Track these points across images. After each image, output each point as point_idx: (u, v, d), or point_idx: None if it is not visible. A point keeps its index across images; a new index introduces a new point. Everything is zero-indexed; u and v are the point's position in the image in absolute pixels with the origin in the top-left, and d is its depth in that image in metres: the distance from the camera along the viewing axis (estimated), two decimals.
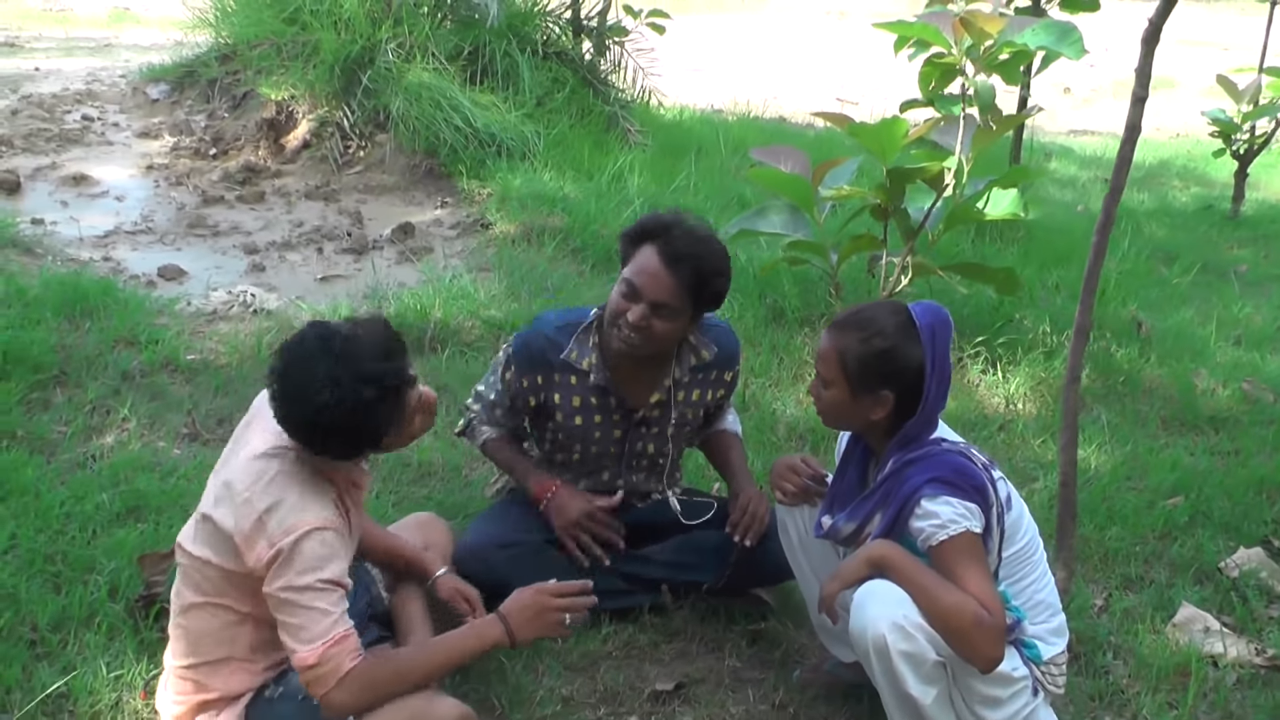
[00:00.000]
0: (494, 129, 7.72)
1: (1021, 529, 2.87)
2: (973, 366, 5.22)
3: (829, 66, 14.04)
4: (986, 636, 2.61)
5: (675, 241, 3.21)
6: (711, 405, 3.60)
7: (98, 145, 8.23)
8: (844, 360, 2.81)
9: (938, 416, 2.85)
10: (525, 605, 2.86)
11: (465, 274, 6.16)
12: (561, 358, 3.40)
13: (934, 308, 2.84)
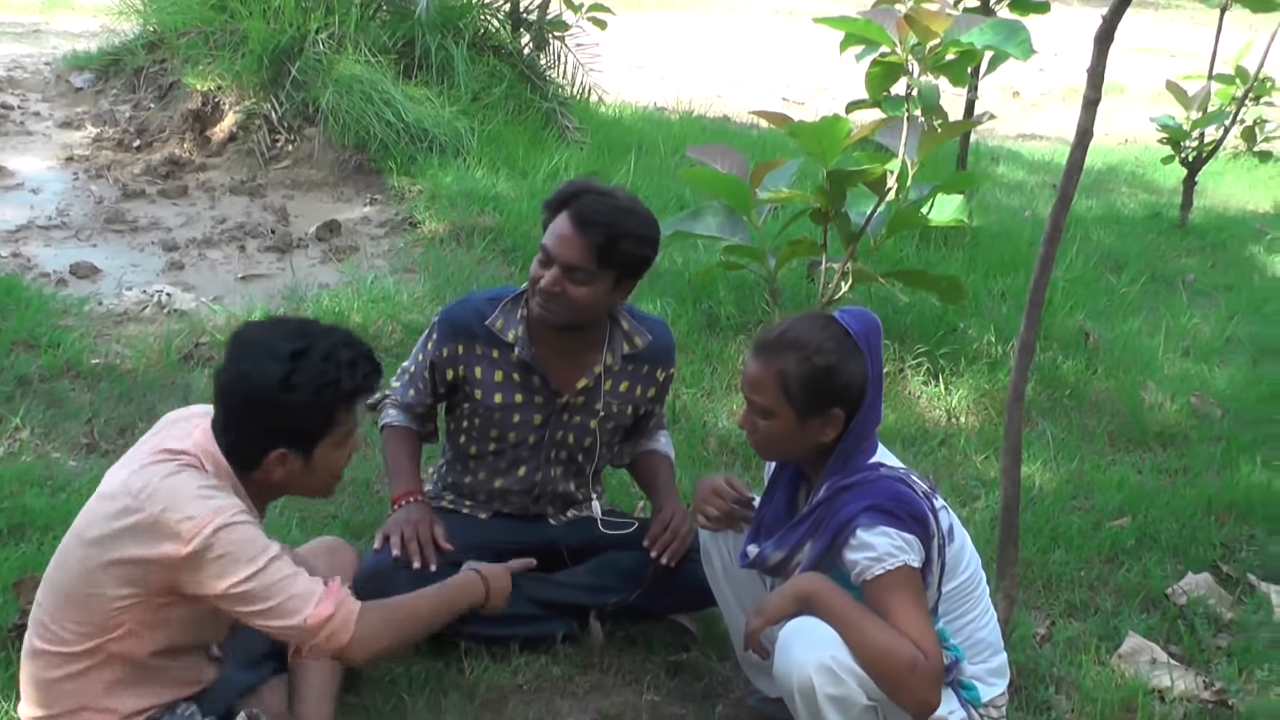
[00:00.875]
0: (426, 124, 7.46)
1: (963, 562, 2.69)
2: (914, 378, 5.04)
3: (776, 66, 13.84)
4: (922, 680, 2.41)
5: (587, 205, 3.08)
6: (641, 404, 3.40)
7: (15, 135, 7.89)
8: (785, 384, 2.60)
9: (871, 428, 2.66)
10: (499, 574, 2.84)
11: (389, 275, 5.93)
12: (485, 324, 3.22)
13: (862, 314, 2.67)
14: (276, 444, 2.48)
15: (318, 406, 2.46)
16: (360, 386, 2.51)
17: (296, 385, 2.42)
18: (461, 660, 3.18)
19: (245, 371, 2.46)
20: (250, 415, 2.47)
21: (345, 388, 2.48)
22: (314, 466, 2.54)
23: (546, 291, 3.09)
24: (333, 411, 2.49)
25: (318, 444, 2.51)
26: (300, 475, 2.55)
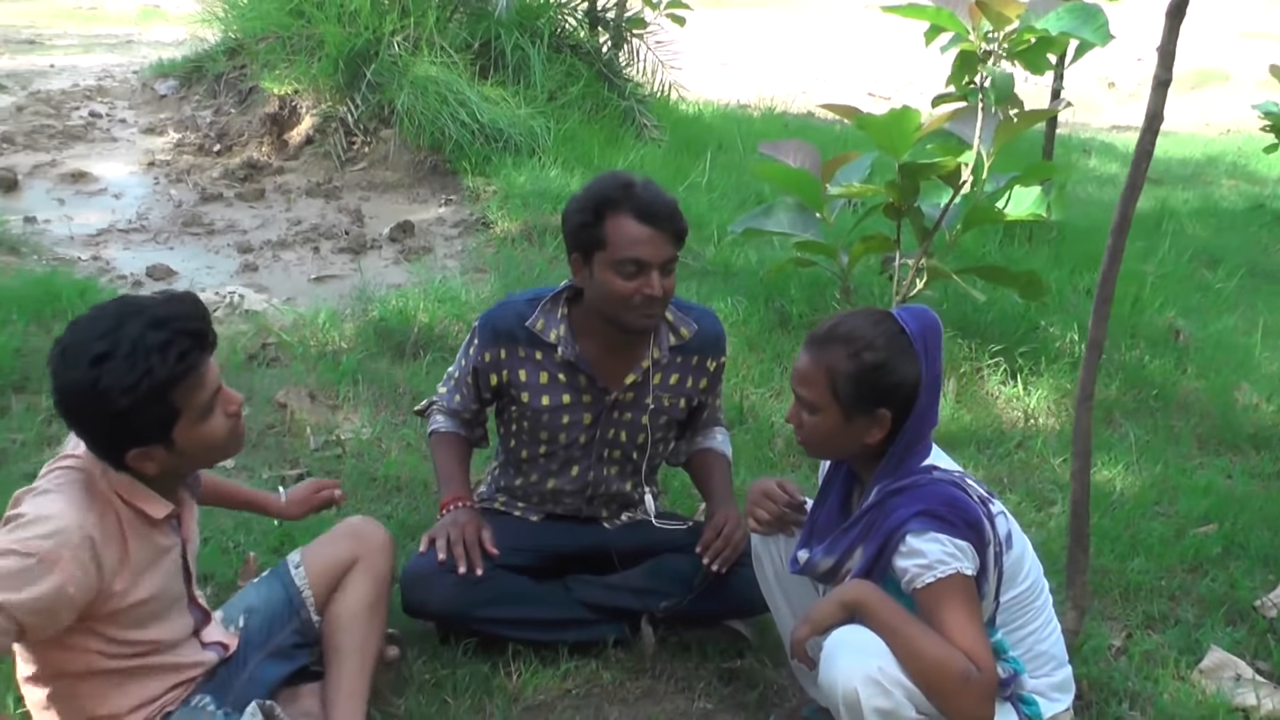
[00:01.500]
0: (501, 124, 7.43)
1: (1023, 571, 2.55)
2: (991, 377, 4.87)
3: (863, 61, 13.65)
4: (974, 695, 2.28)
5: (647, 199, 2.97)
6: (693, 396, 3.29)
7: (101, 142, 8.02)
8: (833, 380, 2.47)
9: (929, 434, 2.53)
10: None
11: (459, 275, 5.89)
12: (526, 326, 3.12)
13: (922, 312, 2.52)
14: (126, 446, 2.30)
15: (139, 405, 2.23)
16: (179, 371, 2.25)
17: (105, 391, 2.21)
18: (509, 664, 3.10)
19: (59, 385, 2.28)
20: (82, 427, 2.32)
21: (160, 375, 2.23)
22: (183, 449, 2.35)
23: (655, 298, 2.97)
24: (163, 400, 2.26)
25: (171, 432, 2.32)
26: (178, 460, 2.37)
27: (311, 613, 2.79)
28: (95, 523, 2.28)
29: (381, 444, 4.25)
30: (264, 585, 2.86)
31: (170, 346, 2.24)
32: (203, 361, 2.31)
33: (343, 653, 2.74)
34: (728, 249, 6.12)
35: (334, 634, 2.76)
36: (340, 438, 4.27)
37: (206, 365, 2.33)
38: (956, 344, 4.97)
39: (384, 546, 2.89)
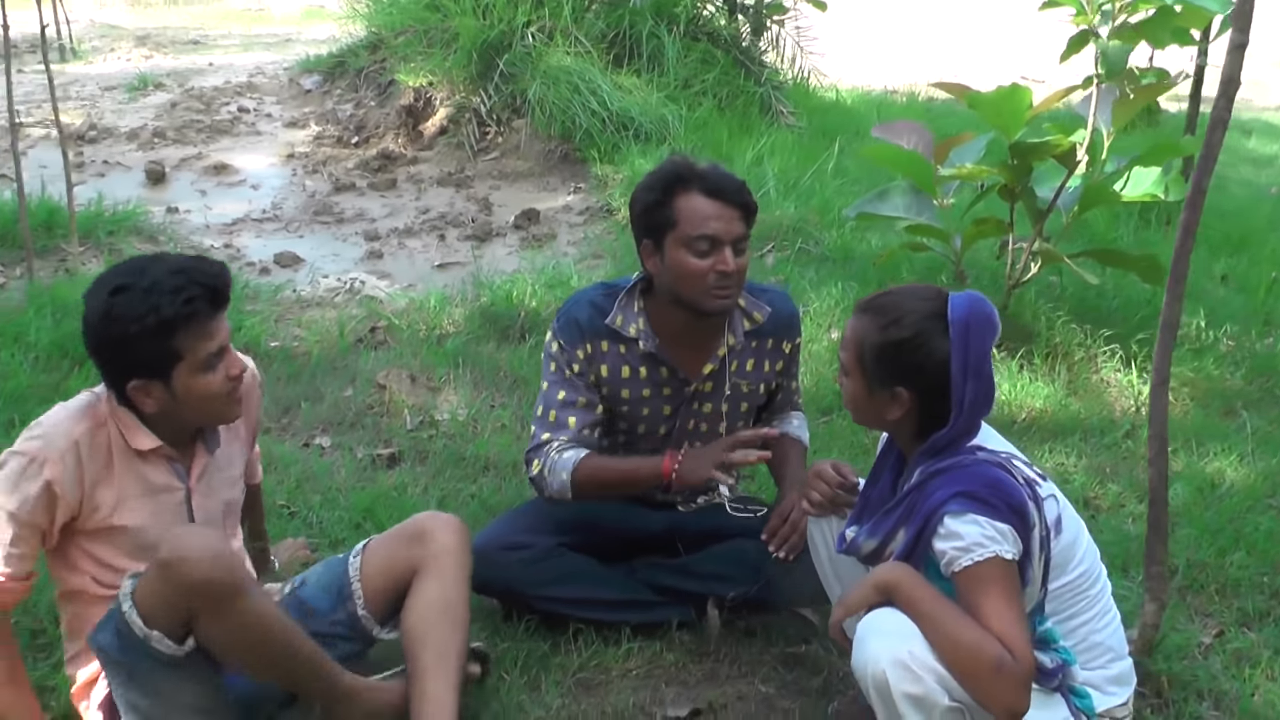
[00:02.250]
0: (632, 112, 7.44)
1: (1075, 557, 2.43)
2: (1105, 365, 4.67)
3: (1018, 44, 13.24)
4: (1007, 683, 2.17)
5: (714, 177, 2.95)
6: (771, 379, 3.22)
7: (246, 135, 8.28)
8: (861, 348, 2.41)
9: (978, 424, 2.42)
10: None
11: (576, 261, 5.90)
12: (606, 323, 3.08)
13: (974, 299, 2.39)
14: (129, 376, 2.48)
15: (144, 335, 2.41)
16: (184, 312, 2.41)
17: (117, 318, 2.41)
18: (570, 643, 3.07)
19: (84, 312, 2.49)
20: (93, 352, 2.52)
21: (165, 313, 2.39)
22: (180, 394, 2.50)
23: (729, 273, 2.93)
24: (167, 338, 2.42)
25: (171, 372, 2.47)
26: (172, 405, 2.52)
27: (358, 605, 2.77)
28: (85, 432, 2.49)
29: (476, 425, 4.28)
30: (326, 565, 2.89)
31: (181, 291, 2.41)
32: (210, 314, 2.47)
33: (424, 666, 2.65)
34: (848, 234, 6.01)
35: (411, 645, 2.69)
36: (436, 418, 4.31)
37: (214, 320, 2.49)
38: (1070, 329, 4.79)
39: (453, 549, 2.79)
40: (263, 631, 2.41)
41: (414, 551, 2.77)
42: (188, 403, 2.52)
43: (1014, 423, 4.28)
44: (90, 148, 7.79)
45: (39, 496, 2.45)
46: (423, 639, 2.67)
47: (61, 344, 4.48)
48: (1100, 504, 3.79)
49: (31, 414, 3.96)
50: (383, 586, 2.77)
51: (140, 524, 2.55)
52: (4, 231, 5.66)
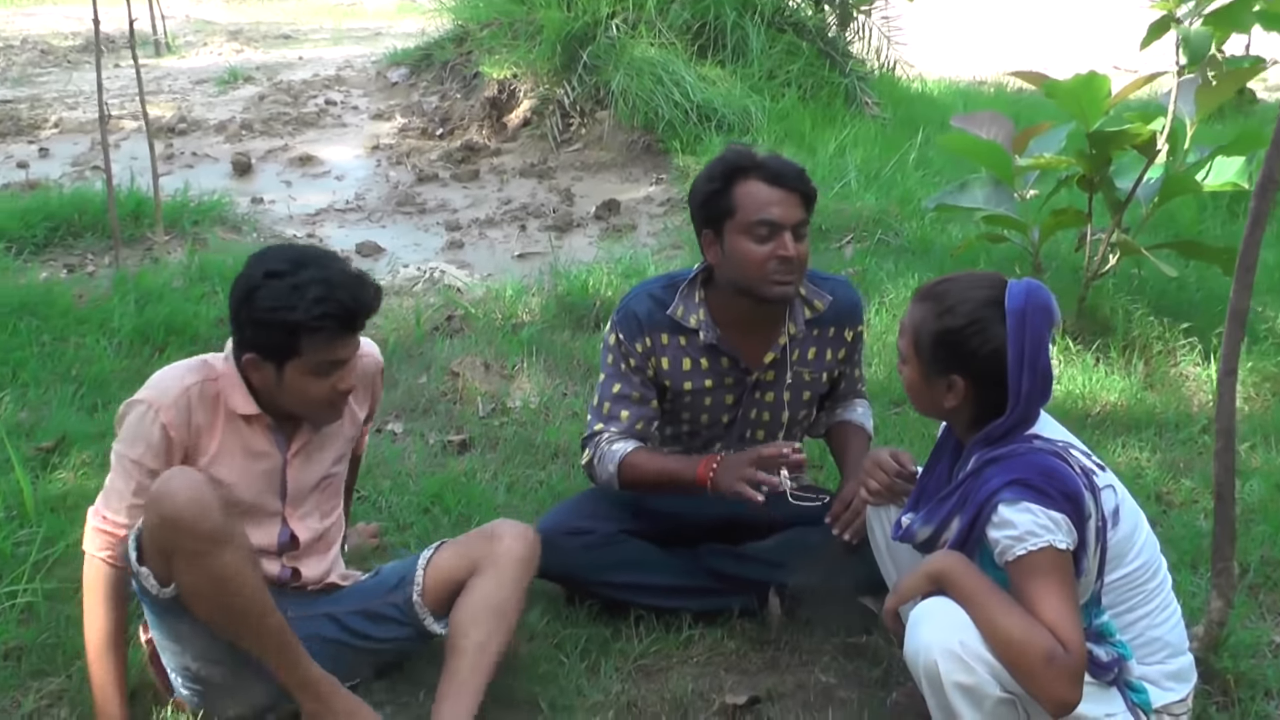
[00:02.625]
0: (715, 103, 7.44)
1: (1133, 550, 2.38)
2: (1184, 358, 4.59)
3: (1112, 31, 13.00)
4: (1058, 675, 2.15)
5: (773, 163, 2.95)
6: (833, 367, 3.22)
7: (332, 127, 8.42)
8: (917, 335, 2.41)
9: (1034, 414, 2.40)
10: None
11: (655, 252, 5.92)
12: (667, 314, 3.09)
13: (1033, 288, 2.37)
14: (247, 348, 2.59)
15: (271, 324, 2.53)
16: (311, 322, 2.51)
17: (256, 300, 2.53)
18: (632, 628, 3.09)
19: (239, 273, 2.61)
20: (231, 314, 2.62)
21: (295, 315, 2.50)
22: (285, 384, 2.60)
23: (794, 260, 2.93)
24: (292, 334, 2.53)
25: (286, 363, 2.57)
26: (276, 388, 2.62)
27: (414, 590, 2.81)
28: (196, 383, 2.63)
29: (547, 413, 4.31)
30: (404, 560, 2.95)
31: (321, 303, 2.51)
32: (340, 333, 2.57)
33: (459, 650, 2.71)
34: (928, 226, 5.96)
35: (454, 634, 2.74)
36: (508, 406, 4.35)
37: (343, 339, 2.59)
38: (1148, 322, 4.70)
39: (517, 555, 2.80)
40: (234, 587, 2.45)
41: (479, 551, 2.82)
42: (290, 395, 2.63)
43: (1088, 416, 4.22)
44: (180, 140, 7.98)
45: (160, 442, 2.57)
46: (466, 630, 2.72)
47: (143, 330, 4.60)
48: (1173, 499, 3.72)
49: (114, 398, 4.16)
50: (445, 579, 2.81)
51: (231, 481, 2.65)
52: (94, 221, 5.81)
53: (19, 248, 5.60)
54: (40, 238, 5.74)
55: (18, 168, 7.38)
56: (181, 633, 2.58)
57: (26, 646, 2.92)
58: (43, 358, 4.42)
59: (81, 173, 7.25)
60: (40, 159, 7.63)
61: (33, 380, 4.26)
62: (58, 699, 2.80)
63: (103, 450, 3.75)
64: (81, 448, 3.82)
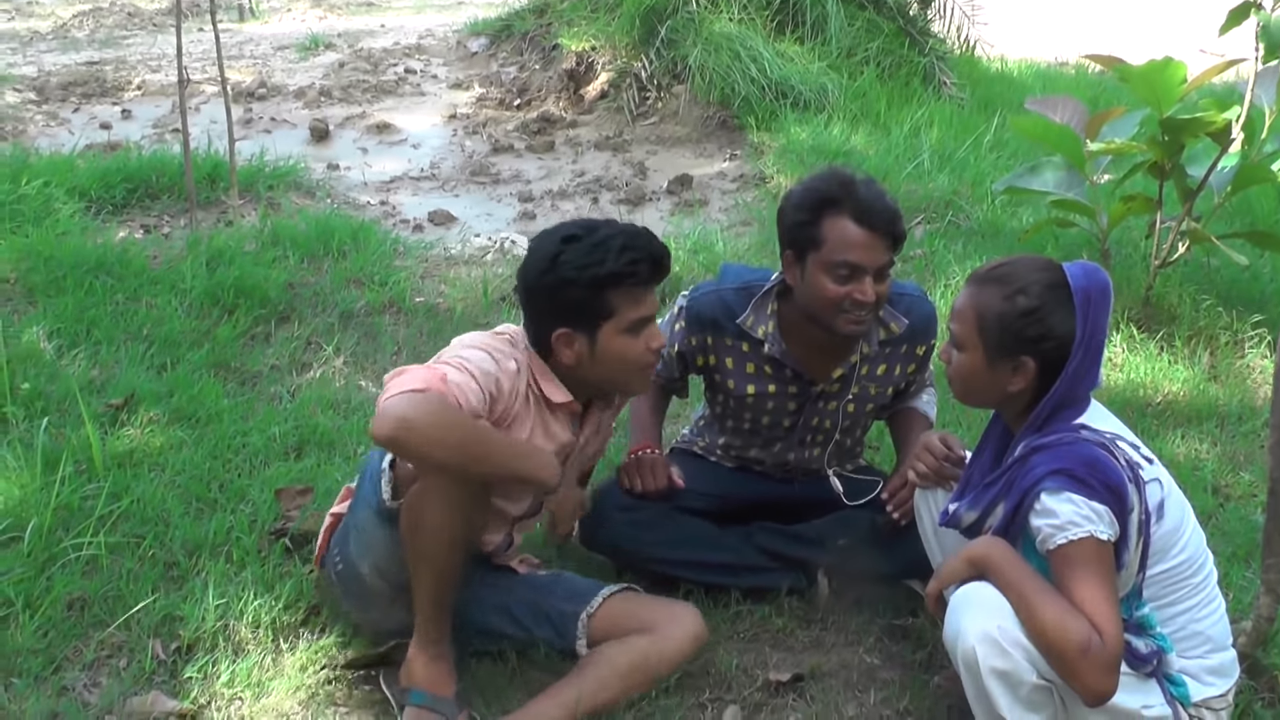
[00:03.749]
0: (792, 80, 7.41)
1: (1178, 544, 2.37)
2: (1251, 350, 4.52)
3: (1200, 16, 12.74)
4: (1094, 665, 2.16)
5: (870, 201, 2.87)
6: (901, 381, 3.22)
7: (410, 96, 8.50)
8: (982, 319, 2.41)
9: (1084, 395, 2.40)
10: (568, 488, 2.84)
11: (725, 228, 5.93)
12: (736, 323, 3.09)
13: (1092, 270, 2.39)
14: (557, 323, 2.63)
15: (583, 284, 2.57)
16: (625, 270, 2.58)
17: (563, 263, 2.58)
18: None
19: (527, 256, 2.69)
20: (530, 295, 2.68)
21: (609, 267, 2.56)
22: (600, 352, 2.64)
23: (866, 303, 2.89)
24: (602, 292, 2.58)
25: (599, 327, 2.62)
26: (591, 361, 2.66)
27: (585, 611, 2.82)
28: (510, 372, 2.62)
29: None
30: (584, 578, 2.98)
31: (627, 252, 2.60)
32: (649, 281, 2.65)
33: (583, 671, 2.74)
34: (998, 210, 5.91)
35: (589, 657, 2.78)
36: None
37: (650, 290, 2.67)
38: (1216, 312, 4.64)
39: (687, 635, 2.81)
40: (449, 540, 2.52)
41: (659, 619, 2.82)
42: (605, 362, 2.67)
43: (1148, 406, 4.17)
44: (259, 104, 8.10)
45: (494, 386, 2.56)
46: (600, 662, 2.74)
47: (213, 292, 4.69)
48: (1230, 492, 3.68)
49: (183, 358, 4.25)
50: (614, 623, 2.83)
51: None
52: (171, 183, 5.93)
53: (98, 208, 5.74)
54: (119, 198, 5.87)
55: (100, 129, 7.55)
56: (378, 539, 2.62)
57: (89, 598, 3.01)
58: (115, 317, 4.52)
59: (161, 135, 7.40)
60: (122, 120, 7.81)
61: (105, 339, 4.36)
62: (117, 650, 2.89)
63: (169, 409, 3.88)
64: (149, 406, 3.91)
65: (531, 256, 2.66)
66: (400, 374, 2.46)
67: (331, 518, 2.87)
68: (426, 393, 2.39)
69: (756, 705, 2.80)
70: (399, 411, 2.35)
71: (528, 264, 2.66)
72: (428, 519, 2.50)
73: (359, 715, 2.72)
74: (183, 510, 3.39)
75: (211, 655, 2.85)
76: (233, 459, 3.69)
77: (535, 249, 2.66)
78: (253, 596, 3.01)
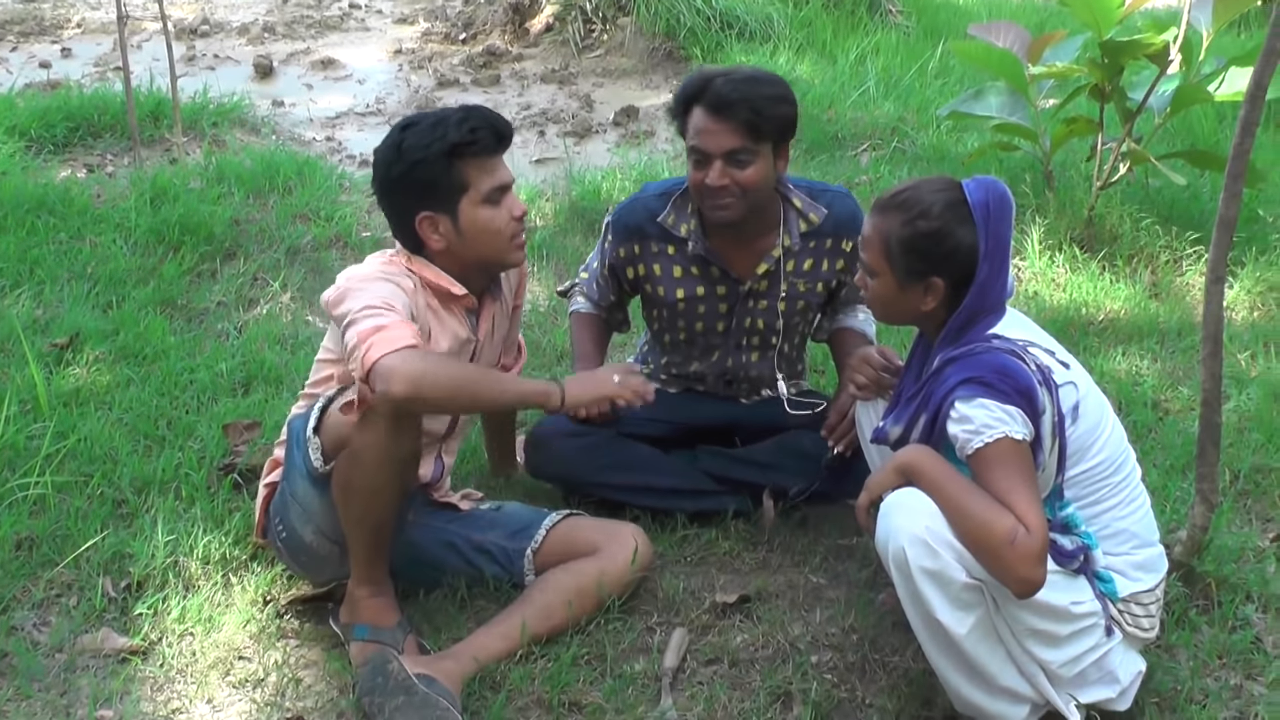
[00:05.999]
0: (737, 10, 7.41)
1: (1096, 444, 2.42)
2: (1190, 268, 4.58)
3: None
4: (1021, 555, 2.21)
5: (718, 89, 2.94)
6: (831, 278, 3.24)
7: (355, 31, 8.41)
8: (888, 245, 2.45)
9: (995, 304, 2.44)
10: (587, 377, 2.75)
11: (672, 158, 5.92)
12: (658, 221, 3.15)
13: (989, 183, 2.44)
14: (417, 209, 2.65)
15: (431, 161, 2.60)
16: (467, 139, 2.60)
17: (407, 148, 2.61)
18: None
19: (375, 155, 2.70)
20: (385, 190, 2.70)
21: (451, 138, 2.59)
22: (465, 227, 2.66)
23: (715, 188, 2.96)
24: (451, 165, 2.61)
25: (457, 204, 2.64)
26: (459, 240, 2.67)
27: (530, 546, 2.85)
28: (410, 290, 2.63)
29: (556, 316, 4.36)
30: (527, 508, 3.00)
31: (466, 122, 2.62)
32: (493, 148, 2.67)
33: (528, 599, 2.75)
34: (944, 135, 5.93)
35: (535, 585, 2.80)
36: None
37: (496, 156, 2.69)
38: (1156, 232, 4.70)
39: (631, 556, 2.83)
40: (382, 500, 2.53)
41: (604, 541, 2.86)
42: (472, 236, 2.68)
43: (1090, 324, 4.24)
44: (202, 41, 8.00)
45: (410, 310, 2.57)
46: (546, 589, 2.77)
47: (158, 229, 4.66)
48: (1169, 407, 3.74)
49: (129, 296, 4.22)
50: (561, 550, 2.86)
51: None
52: (114, 121, 5.86)
53: (39, 147, 5.66)
54: (60, 138, 5.79)
55: (40, 68, 7.42)
56: (316, 505, 2.62)
57: (37, 538, 3.01)
58: (59, 255, 4.49)
59: (103, 73, 7.29)
60: (62, 59, 7.68)
61: (49, 278, 4.33)
62: (67, 589, 2.90)
63: (115, 347, 3.86)
64: (95, 345, 3.90)
65: (378, 154, 2.69)
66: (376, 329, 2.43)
67: (266, 489, 2.84)
68: (419, 348, 2.44)
69: (704, 627, 2.83)
70: (410, 370, 2.37)
71: (377, 162, 2.68)
72: (357, 480, 2.50)
73: (309, 648, 2.74)
74: (130, 448, 3.39)
75: (162, 592, 2.86)
76: (180, 396, 3.69)
77: (380, 149, 2.69)
78: (202, 532, 3.02)
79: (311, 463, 2.57)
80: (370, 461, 2.47)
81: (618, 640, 2.75)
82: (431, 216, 2.65)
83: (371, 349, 2.40)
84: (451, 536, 2.88)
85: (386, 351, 2.39)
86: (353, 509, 2.55)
